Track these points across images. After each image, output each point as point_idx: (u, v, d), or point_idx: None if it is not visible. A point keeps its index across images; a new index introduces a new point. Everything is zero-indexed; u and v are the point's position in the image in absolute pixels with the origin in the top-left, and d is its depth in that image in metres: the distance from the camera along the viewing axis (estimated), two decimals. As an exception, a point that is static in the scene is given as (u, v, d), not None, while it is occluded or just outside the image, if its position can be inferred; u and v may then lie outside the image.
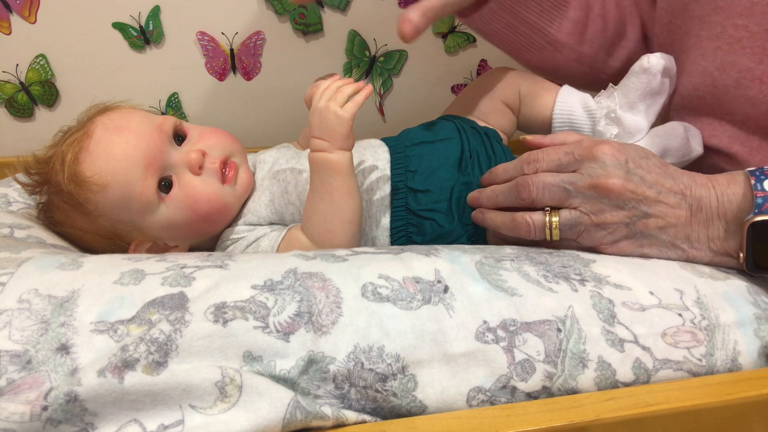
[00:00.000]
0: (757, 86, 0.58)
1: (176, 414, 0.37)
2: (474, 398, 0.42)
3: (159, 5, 0.89)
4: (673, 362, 0.45)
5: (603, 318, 0.45)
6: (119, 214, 0.59)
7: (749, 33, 0.58)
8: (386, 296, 0.44)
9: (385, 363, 0.41)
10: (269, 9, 0.92)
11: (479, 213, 0.60)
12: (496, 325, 0.43)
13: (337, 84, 0.58)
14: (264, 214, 0.64)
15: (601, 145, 0.52)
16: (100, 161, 0.57)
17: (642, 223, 0.52)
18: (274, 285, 0.43)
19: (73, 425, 0.36)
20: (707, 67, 0.62)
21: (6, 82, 0.90)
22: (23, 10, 0.86)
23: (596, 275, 0.49)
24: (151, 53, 0.92)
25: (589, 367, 0.43)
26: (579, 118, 0.69)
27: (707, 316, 0.47)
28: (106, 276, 0.43)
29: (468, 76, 1.04)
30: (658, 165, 0.53)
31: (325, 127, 0.57)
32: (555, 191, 0.53)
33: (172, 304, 0.41)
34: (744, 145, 0.61)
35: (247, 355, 0.39)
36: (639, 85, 0.65)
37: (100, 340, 0.38)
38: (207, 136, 0.64)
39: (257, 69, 0.96)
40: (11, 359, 0.37)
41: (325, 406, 0.39)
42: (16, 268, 0.43)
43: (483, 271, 0.47)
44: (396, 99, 1.03)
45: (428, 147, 0.66)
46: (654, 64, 0.64)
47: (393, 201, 0.63)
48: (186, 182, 0.60)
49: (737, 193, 0.50)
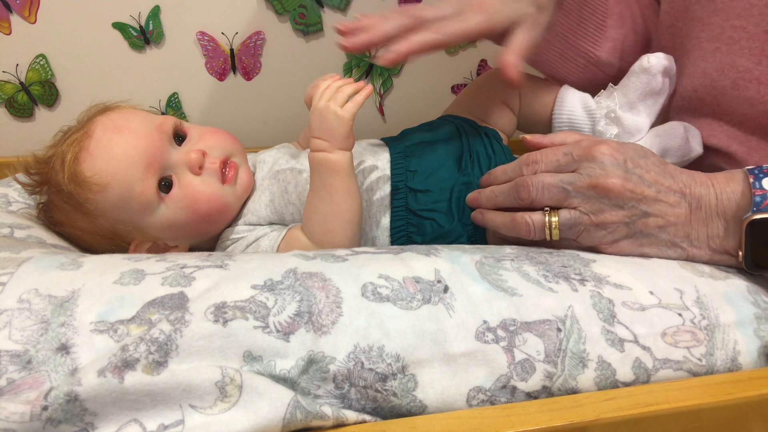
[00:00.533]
0: (755, 87, 0.58)
1: (176, 414, 0.37)
2: (474, 398, 0.42)
3: (159, 5, 0.89)
4: (673, 362, 0.45)
5: (603, 318, 0.45)
6: (119, 214, 0.59)
7: (747, 34, 0.58)
8: (386, 296, 0.44)
9: (385, 363, 0.41)
10: (269, 9, 0.92)
11: (479, 213, 0.60)
12: (496, 325, 0.43)
13: (337, 84, 0.58)
14: (264, 214, 0.64)
15: (599, 145, 0.53)
16: (100, 161, 0.57)
17: (642, 222, 0.52)
18: (274, 285, 0.43)
19: (73, 425, 0.36)
20: (706, 69, 0.62)
21: (6, 82, 0.90)
22: (23, 10, 0.86)
23: (596, 275, 0.49)
24: (151, 53, 0.92)
25: (589, 367, 0.43)
26: (579, 118, 0.69)
27: (707, 316, 0.47)
28: (106, 276, 0.43)
29: (468, 76, 1.04)
30: (657, 164, 0.53)
31: (325, 127, 0.57)
32: (554, 191, 0.53)
33: (172, 304, 0.41)
34: (743, 144, 0.61)
35: (247, 355, 0.39)
36: (639, 85, 0.65)
37: (100, 340, 0.38)
38: (207, 136, 0.64)
39: (257, 69, 0.96)
40: (11, 359, 0.37)
41: (325, 405, 0.39)
42: (16, 268, 0.43)
43: (483, 271, 0.47)
44: (396, 99, 1.03)
45: (428, 147, 0.66)
46: (654, 64, 0.64)
47: (393, 201, 0.63)
48: (186, 182, 0.60)
49: (736, 191, 0.50)
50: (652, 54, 0.64)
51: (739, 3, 0.58)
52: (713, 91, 0.62)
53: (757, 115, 0.59)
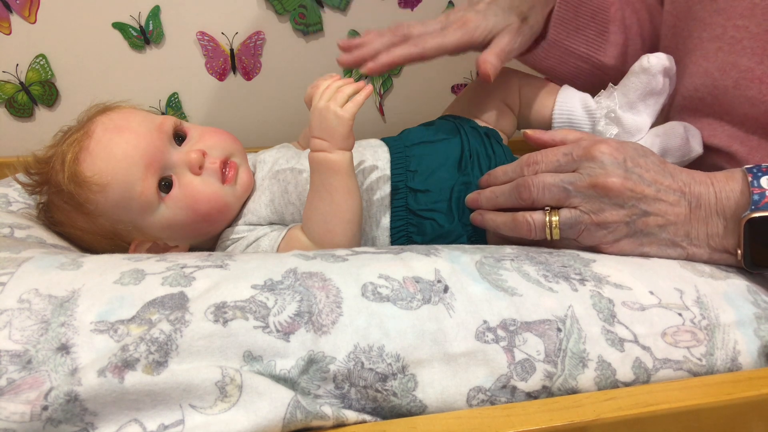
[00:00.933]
0: (756, 86, 0.58)
1: (176, 414, 0.37)
2: (474, 398, 0.42)
3: (159, 5, 0.89)
4: (673, 362, 0.45)
5: (603, 318, 0.45)
6: (119, 214, 0.59)
7: (750, 34, 0.58)
8: (386, 296, 0.44)
9: (385, 363, 0.41)
10: (269, 9, 0.92)
11: (478, 215, 0.60)
12: (496, 325, 0.43)
13: (337, 84, 0.58)
14: (264, 214, 0.64)
15: (599, 145, 0.53)
16: (100, 161, 0.57)
17: (642, 221, 0.52)
18: (274, 285, 0.43)
19: (73, 425, 0.36)
20: (708, 68, 0.62)
21: (6, 82, 0.90)
22: (23, 10, 0.86)
23: (596, 275, 0.49)
24: (151, 53, 0.92)
25: (589, 367, 0.43)
26: (579, 118, 0.69)
27: (707, 316, 0.47)
28: (106, 276, 0.43)
29: (468, 76, 1.04)
30: (657, 163, 0.53)
31: (325, 127, 0.57)
32: (555, 191, 0.53)
33: (173, 303, 0.41)
34: (743, 144, 0.61)
35: (247, 355, 0.39)
36: (639, 85, 0.65)
37: (101, 340, 0.38)
38: (207, 136, 0.64)
39: (257, 69, 0.96)
40: (11, 359, 0.37)
41: (325, 405, 0.39)
42: (16, 268, 0.43)
43: (483, 270, 0.47)
44: (396, 99, 1.03)
45: (428, 147, 0.66)
46: (654, 64, 0.64)
47: (393, 201, 0.63)
48: (186, 182, 0.60)
49: (735, 190, 0.50)
50: (652, 54, 0.64)
51: (741, 3, 0.58)
52: (714, 91, 0.62)
53: (758, 114, 0.59)
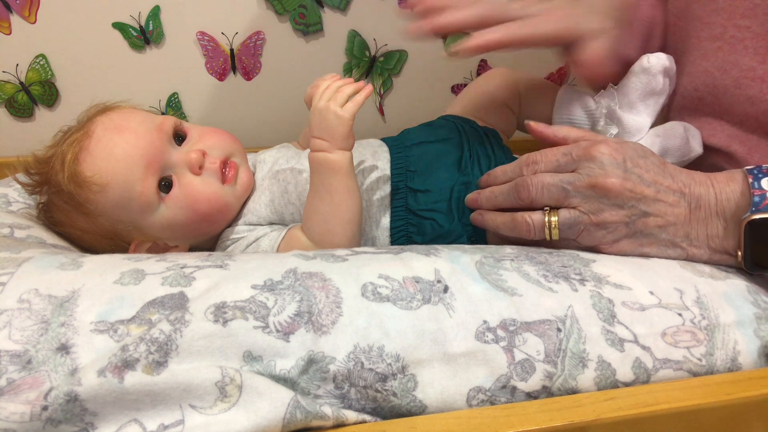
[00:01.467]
0: (757, 85, 0.58)
1: (176, 414, 0.37)
2: (474, 398, 0.42)
3: (159, 5, 0.89)
4: (673, 362, 0.45)
5: (603, 318, 0.45)
6: (119, 214, 0.59)
7: (752, 33, 0.58)
8: (386, 296, 0.44)
9: (385, 363, 0.41)
10: (269, 9, 0.92)
11: (478, 215, 0.60)
12: (496, 325, 0.43)
13: (337, 84, 0.58)
14: (264, 214, 0.64)
15: (598, 145, 0.53)
16: (100, 161, 0.57)
17: (641, 222, 0.52)
18: (274, 285, 0.43)
19: (73, 425, 0.36)
20: (708, 68, 0.62)
21: (6, 82, 0.90)
22: (23, 10, 0.86)
23: (596, 275, 0.49)
24: (151, 53, 0.92)
25: (589, 367, 0.43)
26: (578, 118, 0.69)
27: (707, 316, 0.47)
28: (106, 276, 0.43)
29: (468, 76, 1.04)
30: (657, 163, 0.53)
31: (325, 127, 0.57)
32: (554, 191, 0.53)
33: (172, 303, 0.41)
34: (743, 143, 0.61)
35: (247, 355, 0.39)
36: (639, 85, 0.65)
37: (100, 340, 0.38)
38: (207, 136, 0.64)
39: (257, 69, 0.96)
40: (11, 359, 0.37)
41: (325, 405, 0.39)
42: (16, 268, 0.43)
43: (483, 270, 0.47)
44: (396, 99, 1.03)
45: (428, 147, 0.66)
46: (654, 63, 0.64)
47: (393, 201, 0.63)
48: (186, 182, 0.60)
49: (735, 191, 0.50)
50: (652, 54, 0.64)
51: (742, 3, 0.58)
52: (714, 90, 0.62)
53: (758, 114, 0.59)
